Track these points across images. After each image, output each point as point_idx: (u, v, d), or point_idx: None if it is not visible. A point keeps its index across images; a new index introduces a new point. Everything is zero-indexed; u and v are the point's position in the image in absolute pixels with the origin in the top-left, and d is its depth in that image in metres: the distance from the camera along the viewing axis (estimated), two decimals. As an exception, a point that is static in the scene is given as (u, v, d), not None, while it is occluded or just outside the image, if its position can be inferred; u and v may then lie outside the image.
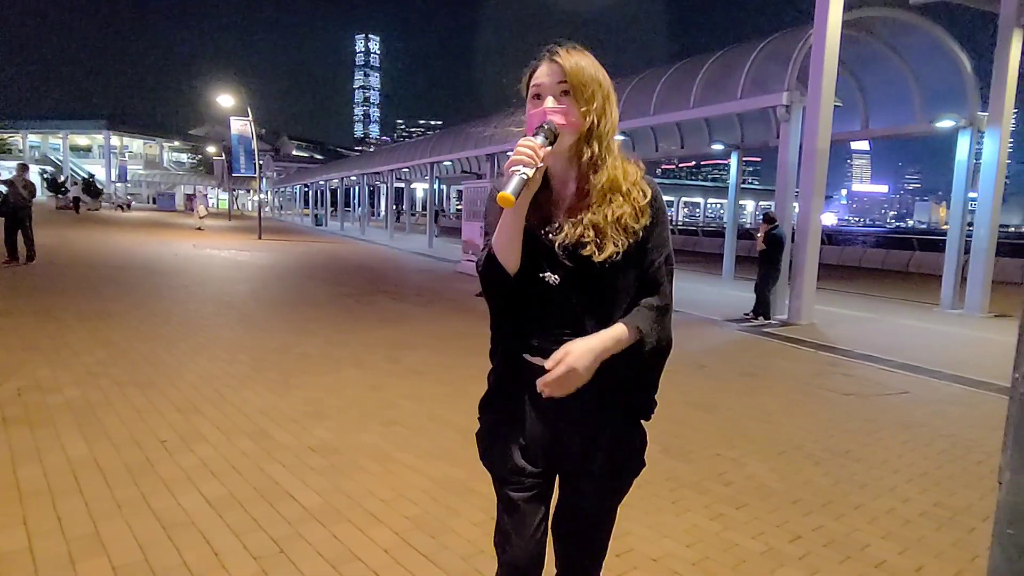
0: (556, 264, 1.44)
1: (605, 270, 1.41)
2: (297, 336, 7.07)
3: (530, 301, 1.47)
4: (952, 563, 2.83)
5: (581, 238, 1.41)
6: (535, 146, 1.33)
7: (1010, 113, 10.87)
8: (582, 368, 1.37)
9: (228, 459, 3.58)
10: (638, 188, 1.46)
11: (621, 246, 1.41)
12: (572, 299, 1.44)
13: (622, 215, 1.42)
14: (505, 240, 1.43)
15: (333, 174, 43.86)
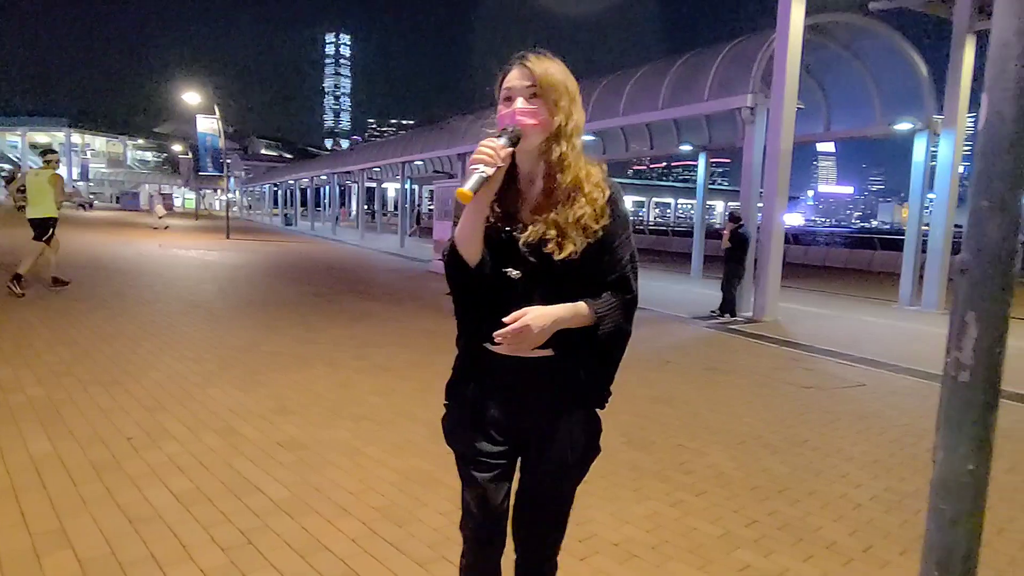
0: (518, 260, 1.51)
1: (564, 268, 1.48)
2: (265, 334, 7.04)
3: (493, 293, 1.53)
4: (898, 543, 2.96)
5: (543, 236, 1.48)
6: (496, 147, 1.41)
7: (964, 116, 11.25)
8: (537, 327, 1.44)
9: (195, 455, 3.59)
10: (599, 189, 1.53)
11: (579, 246, 1.48)
12: (532, 294, 1.50)
13: (583, 215, 1.49)
14: (466, 233, 1.51)
15: (303, 173, 43.47)
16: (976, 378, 2.02)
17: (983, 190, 2.05)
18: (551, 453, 1.61)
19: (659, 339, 8.03)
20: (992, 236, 2.03)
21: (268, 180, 56.50)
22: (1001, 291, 2.01)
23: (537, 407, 1.59)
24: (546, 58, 1.52)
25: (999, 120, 2.01)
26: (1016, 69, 1.97)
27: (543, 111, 1.48)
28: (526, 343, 1.46)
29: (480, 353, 1.60)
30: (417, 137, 25.39)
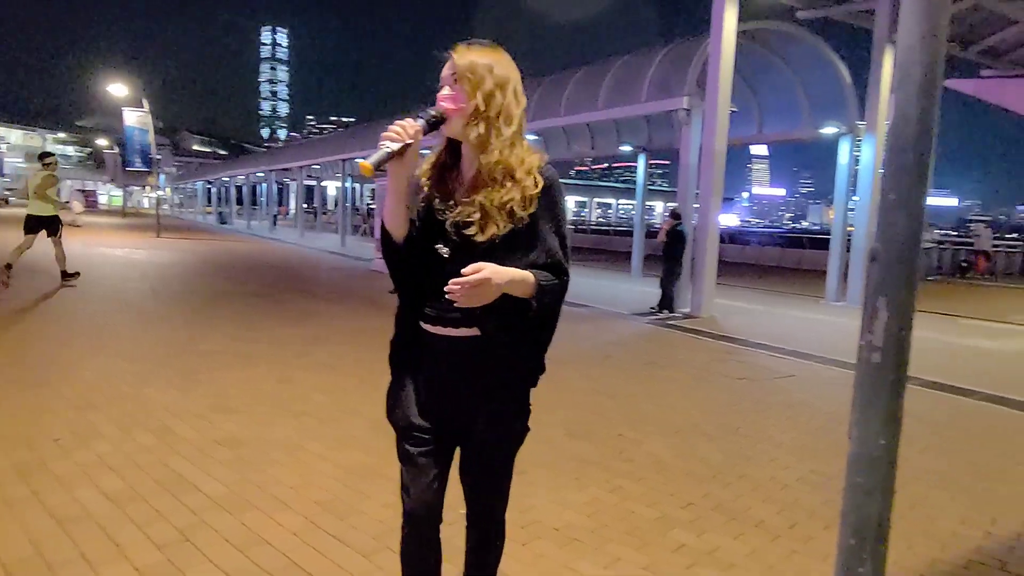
0: (447, 239, 1.58)
1: (486, 249, 1.52)
2: (203, 333, 6.84)
3: (426, 271, 1.60)
4: (822, 519, 3.14)
5: (468, 217, 1.54)
6: (406, 125, 1.48)
7: (884, 122, 11.87)
8: (495, 282, 1.44)
9: (127, 454, 3.48)
10: (532, 177, 1.57)
11: (502, 230, 1.52)
12: (459, 273, 1.51)
13: (510, 200, 1.53)
14: (388, 209, 1.61)
15: (239, 170, 42.23)
16: (887, 359, 2.18)
17: (891, 185, 2.21)
18: (479, 429, 1.68)
19: (600, 335, 8.19)
20: (899, 227, 2.19)
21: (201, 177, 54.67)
22: (908, 278, 2.17)
23: (466, 385, 1.64)
24: (477, 47, 1.59)
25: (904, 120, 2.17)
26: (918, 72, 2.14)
27: (461, 96, 1.54)
28: (481, 296, 1.45)
29: (415, 329, 1.66)
30: (359, 134, 25.04)
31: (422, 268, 1.61)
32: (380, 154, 1.46)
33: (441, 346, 1.63)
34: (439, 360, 1.65)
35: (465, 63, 1.56)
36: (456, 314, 1.57)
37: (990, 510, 3.35)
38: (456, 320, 1.59)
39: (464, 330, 1.59)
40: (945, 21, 2.07)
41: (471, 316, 1.56)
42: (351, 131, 28.76)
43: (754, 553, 2.76)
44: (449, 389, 1.66)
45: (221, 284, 11.44)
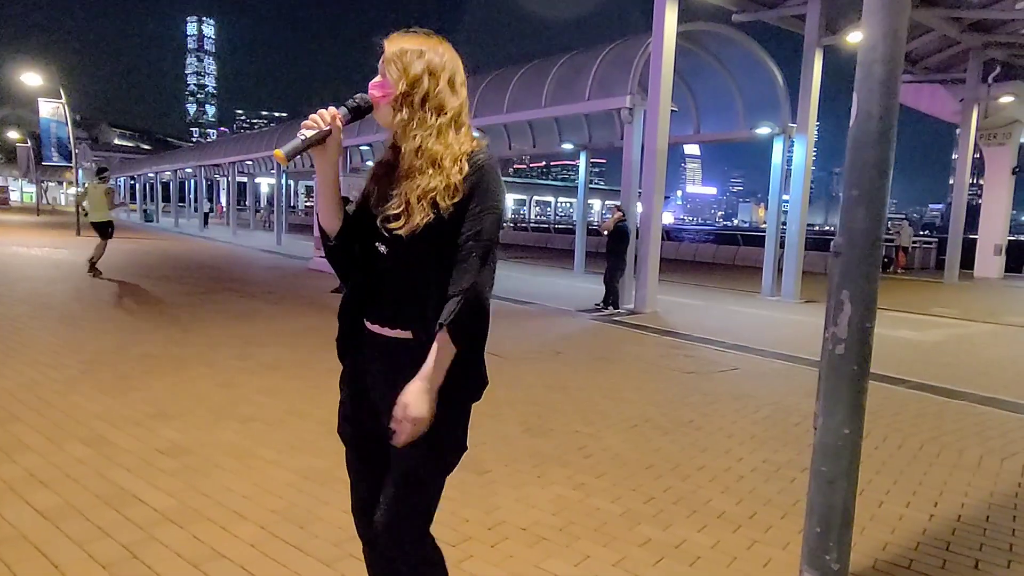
0: (382, 235, 1.51)
1: (412, 242, 1.44)
2: (133, 336, 6.49)
3: (368, 265, 1.57)
4: (779, 508, 3.21)
5: (393, 211, 1.47)
6: (326, 113, 1.46)
7: (814, 123, 12.37)
8: (425, 413, 1.41)
9: (60, 467, 3.24)
10: (456, 165, 1.47)
11: (422, 220, 1.42)
12: (392, 269, 1.52)
13: (432, 190, 1.43)
14: (319, 204, 1.57)
15: (165, 165, 40.41)
16: (850, 350, 2.23)
17: (854, 181, 2.26)
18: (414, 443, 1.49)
19: (548, 331, 8.21)
20: (861, 222, 2.24)
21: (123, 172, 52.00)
22: (870, 272, 2.23)
23: (394, 387, 1.48)
24: (412, 35, 1.53)
25: (867, 117, 2.22)
26: (881, 70, 2.19)
27: (387, 82, 1.50)
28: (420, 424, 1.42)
29: (358, 326, 1.61)
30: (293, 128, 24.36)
31: (365, 265, 1.58)
32: (295, 142, 1.42)
33: (378, 343, 1.57)
34: (376, 358, 1.59)
35: (395, 49, 1.50)
36: (388, 312, 1.54)
37: (930, 493, 3.51)
38: (390, 319, 1.54)
39: (400, 331, 1.53)
40: (905, 21, 2.14)
41: (402, 315, 1.52)
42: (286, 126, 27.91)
43: (718, 545, 2.80)
44: (383, 388, 1.56)
45: (152, 285, 10.90)
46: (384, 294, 1.55)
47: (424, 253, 1.47)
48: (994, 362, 7.50)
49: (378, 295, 1.56)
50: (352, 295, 1.61)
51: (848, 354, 2.17)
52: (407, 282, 1.51)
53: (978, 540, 2.96)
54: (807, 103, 12.23)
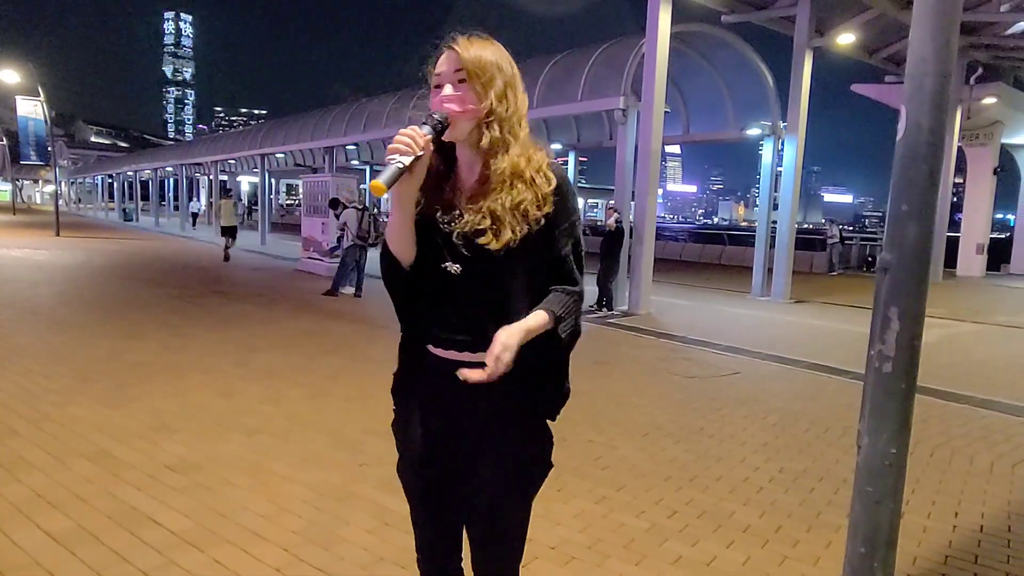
0: (456, 253, 1.42)
1: (502, 258, 1.39)
2: (126, 342, 6.33)
3: (433, 291, 1.46)
4: (802, 521, 3.19)
5: (478, 226, 1.39)
6: (415, 135, 1.32)
7: (804, 124, 12.42)
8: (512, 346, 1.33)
9: (67, 486, 3.13)
10: (542, 175, 1.44)
11: (518, 233, 1.38)
12: (473, 289, 1.43)
13: (522, 201, 1.40)
14: (394, 231, 1.44)
15: (144, 164, 39.73)
16: (898, 368, 2.18)
17: (903, 196, 2.22)
18: (495, 465, 1.49)
19: (546, 334, 8.15)
20: (911, 238, 2.19)
21: (101, 171, 51.04)
22: (920, 288, 2.19)
23: (479, 414, 1.47)
24: (479, 40, 1.43)
25: (917, 130, 2.18)
26: (932, 84, 2.14)
27: (471, 97, 1.40)
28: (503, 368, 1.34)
29: (422, 356, 1.51)
30: (278, 128, 24.05)
31: (429, 289, 1.46)
32: (392, 171, 1.29)
33: (452, 372, 1.43)
34: (450, 388, 1.44)
35: (472, 59, 1.40)
36: (468, 336, 1.44)
37: (949, 502, 3.51)
38: (469, 343, 1.44)
39: (481, 354, 1.40)
40: (956, 33, 2.10)
41: (487, 337, 1.39)
42: (270, 124, 27.53)
43: (750, 561, 2.76)
44: (461, 420, 1.48)
45: (138, 287, 10.68)
46: (458, 317, 1.45)
47: (510, 268, 1.41)
48: (987, 363, 7.58)
49: (449, 319, 1.45)
50: (415, 323, 1.50)
51: (896, 372, 2.13)
52: (488, 300, 1.42)
53: (1004, 553, 2.96)
54: (797, 104, 12.29)
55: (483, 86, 1.39)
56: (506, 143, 1.42)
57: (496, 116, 1.41)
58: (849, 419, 4.95)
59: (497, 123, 1.41)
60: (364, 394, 5.00)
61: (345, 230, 10.36)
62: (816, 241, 21.18)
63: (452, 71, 1.40)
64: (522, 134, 1.45)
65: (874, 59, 16.43)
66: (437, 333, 1.47)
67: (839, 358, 7.18)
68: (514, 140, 1.43)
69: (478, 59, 1.40)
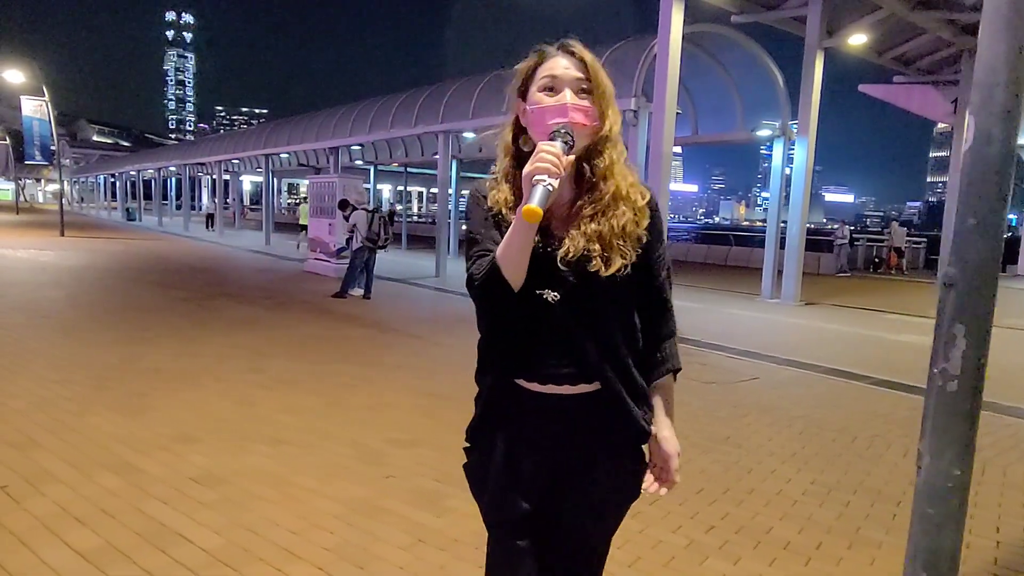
0: (556, 280, 1.33)
1: (611, 285, 1.33)
2: (138, 348, 6.26)
3: (525, 320, 1.35)
4: (842, 536, 3.12)
5: (586, 252, 1.31)
6: (558, 153, 1.22)
7: (815, 125, 12.34)
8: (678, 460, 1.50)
9: (92, 500, 3.06)
10: (636, 191, 1.39)
11: (629, 258, 1.33)
12: (573, 318, 1.34)
13: (626, 223, 1.34)
14: (514, 254, 1.30)
15: (148, 163, 39.68)
16: (963, 388, 2.11)
17: (970, 210, 2.14)
18: (589, 499, 1.43)
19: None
20: (979, 253, 2.12)
21: (103, 170, 51.02)
22: (986, 304, 2.12)
23: (577, 449, 1.41)
24: (586, 48, 1.36)
25: (987, 141, 2.10)
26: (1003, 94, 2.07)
27: (594, 111, 1.32)
28: None
29: (511, 390, 1.40)
30: (282, 128, 23.99)
31: (521, 317, 1.36)
32: (543, 193, 1.20)
33: (548, 406, 1.38)
34: (544, 422, 1.39)
35: (594, 67, 1.33)
36: (570, 368, 1.35)
37: (988, 516, 3.44)
38: (571, 376, 1.36)
39: (583, 386, 1.37)
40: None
41: (591, 368, 1.35)
42: (274, 124, 27.48)
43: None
44: (556, 455, 1.41)
45: (146, 290, 10.62)
46: (557, 348, 1.35)
47: (611, 295, 1.34)
48: (1009, 369, 7.50)
49: (547, 350, 1.36)
50: (505, 354, 1.39)
51: (961, 391, 2.07)
52: (592, 329, 1.35)
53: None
54: (808, 105, 12.21)
55: (603, 100, 1.33)
56: (616, 163, 1.37)
57: (611, 134, 1.35)
58: (874, 427, 4.88)
59: (612, 142, 1.36)
60: (382, 402, 4.94)
61: (355, 232, 10.30)
62: (823, 242, 21.09)
63: (574, 77, 1.32)
64: (624, 152, 1.40)
65: (883, 59, 16.32)
66: (532, 366, 1.38)
67: (855, 362, 7.11)
68: (619, 160, 1.37)
69: (597, 68, 1.33)
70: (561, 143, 1.24)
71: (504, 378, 1.41)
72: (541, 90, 1.33)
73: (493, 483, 1.45)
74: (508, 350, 1.39)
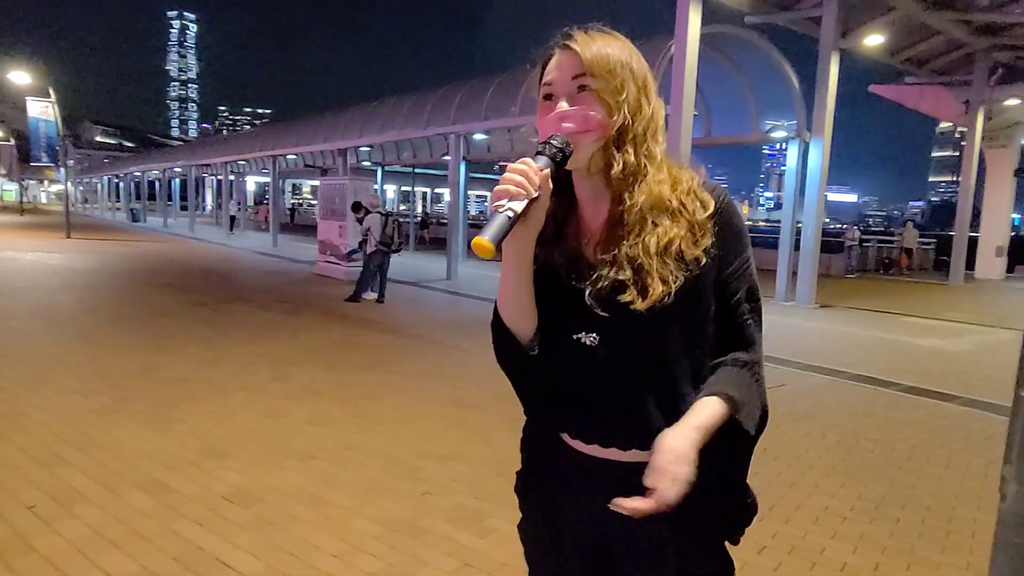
0: (590, 318, 1.10)
1: (654, 319, 1.06)
2: (158, 356, 6.18)
3: (566, 368, 1.14)
4: (899, 557, 3.02)
5: (616, 281, 1.07)
6: (529, 171, 0.99)
7: (830, 127, 12.22)
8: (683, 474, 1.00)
9: (124, 521, 2.98)
10: (693, 199, 1.11)
11: (674, 283, 1.05)
12: (619, 362, 1.10)
13: (672, 240, 1.07)
14: (507, 297, 1.12)
15: (153, 164, 39.70)
16: (1052, 412, 2.01)
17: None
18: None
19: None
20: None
21: (107, 171, 51.08)
22: (1078, 326, 2.00)
23: (637, 532, 1.12)
24: (601, 33, 1.11)
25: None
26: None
27: (597, 110, 1.07)
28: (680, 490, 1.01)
29: (555, 447, 1.19)
30: (288, 129, 23.94)
31: (561, 366, 1.14)
32: (500, 223, 0.96)
33: (598, 470, 1.15)
34: (595, 489, 1.14)
35: (596, 58, 1.06)
36: (615, 426, 1.12)
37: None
38: (623, 438, 1.12)
39: (635, 453, 1.11)
40: None
41: (644, 432, 1.09)
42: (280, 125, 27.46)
43: (859, 606, 2.60)
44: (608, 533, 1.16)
45: (159, 294, 10.54)
46: (601, 402, 1.13)
47: (664, 332, 1.08)
48: None
49: (589, 404, 1.14)
50: (546, 407, 1.18)
51: (1048, 416, 1.97)
52: (642, 379, 1.10)
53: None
54: (823, 107, 12.09)
55: (612, 94, 1.06)
56: (643, 168, 1.09)
57: (629, 133, 1.08)
58: (911, 438, 4.78)
59: (631, 142, 1.08)
60: (410, 414, 4.84)
61: (368, 235, 10.22)
62: (833, 243, 20.95)
63: (569, 77, 1.08)
64: (659, 152, 1.12)
65: (894, 60, 16.21)
66: (575, 421, 1.16)
67: (881, 368, 7.01)
68: (651, 162, 1.10)
69: (603, 58, 1.07)
70: (545, 159, 1.03)
71: (546, 432, 1.21)
72: (542, 100, 1.12)
73: (541, 544, 1.27)
74: (550, 404, 1.18)
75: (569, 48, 1.08)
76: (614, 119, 1.07)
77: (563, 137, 1.05)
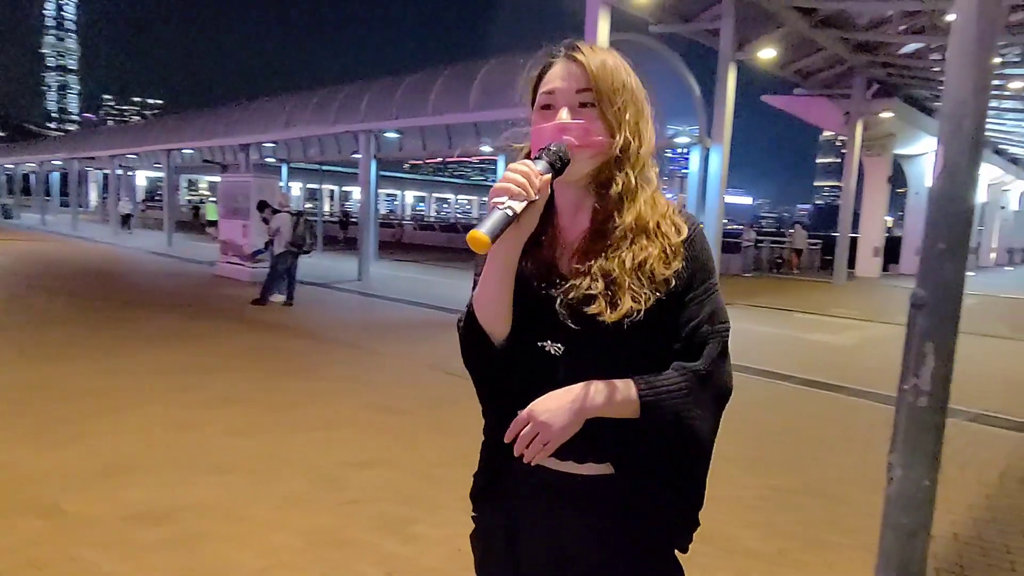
0: (558, 327, 1.10)
1: (621, 334, 1.07)
2: (53, 367, 5.72)
3: (529, 377, 1.13)
4: (802, 542, 3.24)
5: (587, 292, 1.08)
6: (531, 172, 1.00)
7: (729, 134, 12.90)
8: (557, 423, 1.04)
9: (16, 550, 2.75)
10: (669, 223, 1.13)
11: (644, 301, 1.06)
12: (580, 373, 1.09)
13: (646, 259, 1.08)
14: (488, 298, 1.12)
15: (28, 156, 36.57)
16: (933, 403, 2.24)
17: (939, 234, 2.27)
18: None
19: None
20: (947, 276, 2.25)
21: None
22: (954, 324, 2.25)
23: (589, 541, 1.14)
24: (601, 49, 1.12)
25: (955, 170, 2.23)
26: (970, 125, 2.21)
27: (598, 127, 1.08)
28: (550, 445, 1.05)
29: (511, 458, 1.13)
30: (186, 122, 22.71)
31: (523, 374, 1.14)
32: (498, 218, 0.97)
33: (554, 483, 1.15)
34: (548, 503, 1.16)
35: (602, 76, 1.08)
36: (579, 442, 1.09)
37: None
38: (579, 451, 1.12)
39: (591, 466, 1.13)
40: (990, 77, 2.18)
41: (602, 445, 1.11)
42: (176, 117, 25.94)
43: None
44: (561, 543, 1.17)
45: (46, 298, 9.74)
46: None
47: (628, 347, 1.09)
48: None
49: None
50: (506, 417, 1.13)
51: (931, 406, 2.19)
52: None
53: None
54: (722, 114, 12.74)
55: (614, 114, 1.08)
56: (636, 190, 1.11)
57: (630, 156, 1.10)
58: (820, 430, 5.13)
59: (631, 165, 1.11)
60: (331, 422, 4.73)
61: (276, 236, 9.86)
62: (731, 244, 22.12)
63: (574, 89, 1.08)
64: (654, 177, 1.15)
65: (785, 72, 17.31)
66: None
67: (780, 363, 7.45)
68: (646, 185, 1.13)
69: (609, 77, 1.07)
70: (544, 163, 1.04)
71: (501, 447, 1.14)
72: (540, 108, 1.12)
73: (493, 554, 1.26)
74: (509, 410, 1.13)
75: (575, 60, 1.09)
76: (615, 140, 1.09)
77: (563, 146, 1.05)
